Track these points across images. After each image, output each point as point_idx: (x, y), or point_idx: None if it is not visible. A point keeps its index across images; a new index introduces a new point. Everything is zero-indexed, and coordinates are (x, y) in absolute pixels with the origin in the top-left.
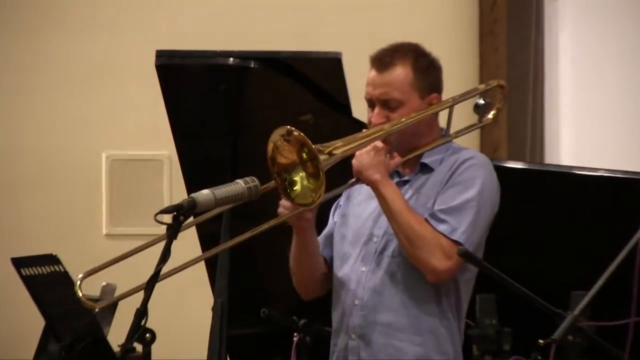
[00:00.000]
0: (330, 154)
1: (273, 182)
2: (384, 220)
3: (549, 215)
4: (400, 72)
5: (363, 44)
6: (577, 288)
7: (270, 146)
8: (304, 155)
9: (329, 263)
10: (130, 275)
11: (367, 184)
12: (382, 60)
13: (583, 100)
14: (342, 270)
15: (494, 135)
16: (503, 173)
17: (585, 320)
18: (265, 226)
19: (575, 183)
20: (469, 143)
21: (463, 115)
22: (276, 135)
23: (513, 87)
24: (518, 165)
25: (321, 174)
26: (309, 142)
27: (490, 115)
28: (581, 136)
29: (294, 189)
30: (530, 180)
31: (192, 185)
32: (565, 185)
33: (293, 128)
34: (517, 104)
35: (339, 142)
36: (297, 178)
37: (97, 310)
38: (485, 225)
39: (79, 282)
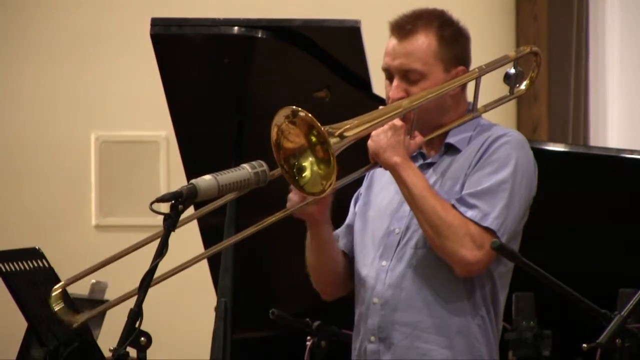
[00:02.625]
0: (341, 136)
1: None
2: (406, 209)
3: (594, 205)
4: (423, 41)
5: (384, 11)
6: (625, 285)
7: (274, 130)
8: (313, 138)
9: (351, 258)
10: (123, 271)
11: (385, 168)
12: (404, 27)
13: (633, 74)
14: (361, 267)
15: (533, 113)
16: (542, 156)
17: (635, 322)
18: (271, 219)
19: (623, 168)
20: (505, 121)
21: (493, 88)
22: (280, 118)
23: (554, 59)
24: (558, 147)
25: (332, 159)
26: (317, 123)
27: (523, 86)
28: (631, 115)
29: (303, 175)
30: (572, 165)
31: (192, 170)
32: (612, 170)
33: (298, 108)
34: (558, 78)
35: (351, 122)
36: (306, 164)
37: (75, 325)
38: (522, 211)
39: (54, 294)
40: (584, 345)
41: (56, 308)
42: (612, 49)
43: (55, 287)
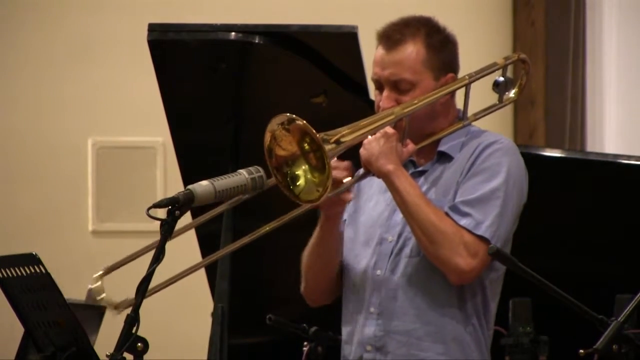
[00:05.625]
0: (337, 142)
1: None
2: (398, 216)
3: (591, 210)
4: (412, 50)
5: (381, 17)
6: (623, 291)
7: (267, 136)
8: (306, 146)
9: (342, 265)
10: (119, 277)
11: (378, 176)
12: (391, 37)
13: (630, 79)
14: (354, 275)
15: (530, 119)
16: (539, 162)
17: (632, 328)
18: (296, 212)
19: (620, 174)
20: (502, 127)
21: (484, 95)
22: (274, 124)
23: (551, 65)
24: (556, 153)
25: (327, 165)
26: (313, 130)
27: (512, 94)
28: (628, 121)
29: (297, 184)
30: (569, 171)
31: (189, 175)
32: (610, 176)
33: (295, 116)
34: (555, 83)
35: (345, 129)
36: (299, 172)
37: (118, 310)
38: (513, 218)
39: (94, 286)
40: (581, 351)
41: (99, 297)
42: (610, 54)
43: (95, 275)
